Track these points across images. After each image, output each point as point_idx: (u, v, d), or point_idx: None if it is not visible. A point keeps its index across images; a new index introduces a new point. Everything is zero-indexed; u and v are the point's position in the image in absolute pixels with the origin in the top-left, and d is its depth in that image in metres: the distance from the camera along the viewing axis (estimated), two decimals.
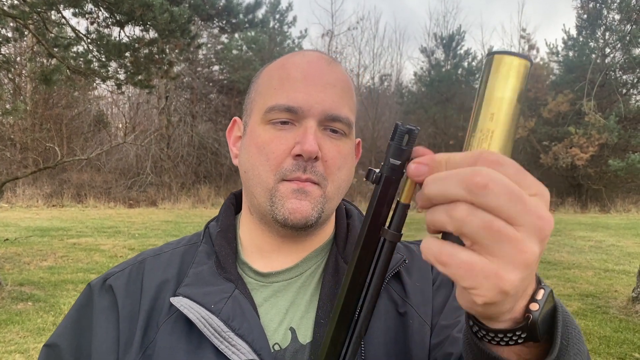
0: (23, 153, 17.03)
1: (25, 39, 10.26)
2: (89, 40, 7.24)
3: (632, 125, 17.69)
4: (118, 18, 6.84)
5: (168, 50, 7.68)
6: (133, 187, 18.51)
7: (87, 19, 7.06)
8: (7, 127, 16.77)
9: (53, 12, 6.90)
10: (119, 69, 7.76)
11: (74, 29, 7.21)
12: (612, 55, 16.86)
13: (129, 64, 7.40)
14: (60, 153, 9.03)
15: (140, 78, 7.63)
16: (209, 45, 21.06)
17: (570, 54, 21.04)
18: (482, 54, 26.63)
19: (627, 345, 4.51)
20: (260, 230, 0.76)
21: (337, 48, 25.88)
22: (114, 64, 7.65)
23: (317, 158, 0.68)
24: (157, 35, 7.14)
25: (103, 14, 6.96)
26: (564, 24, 38.78)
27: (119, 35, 7.33)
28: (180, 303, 0.67)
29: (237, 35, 19.76)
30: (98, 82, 11.53)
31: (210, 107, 21.70)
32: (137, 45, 7.20)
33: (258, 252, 0.77)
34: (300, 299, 0.73)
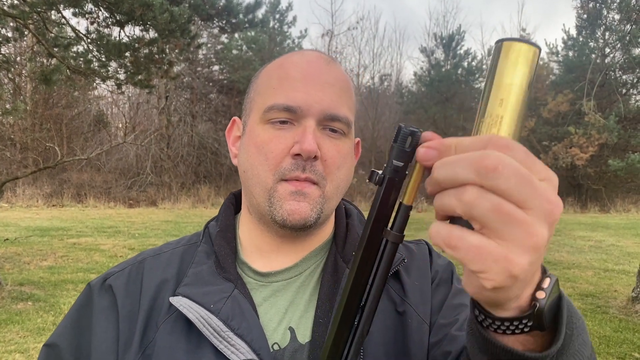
0: (23, 153, 17.03)
1: (25, 39, 10.27)
2: (89, 40, 7.24)
3: (632, 125, 17.69)
4: (118, 18, 6.84)
5: (168, 50, 7.67)
6: (133, 187, 18.52)
7: (87, 19, 7.05)
8: (7, 127, 16.78)
9: (53, 12, 6.89)
10: (119, 69, 7.75)
11: (74, 29, 7.21)
12: (612, 55, 16.88)
13: (129, 64, 7.40)
14: (60, 153, 9.03)
15: (140, 78, 7.62)
16: (209, 45, 21.08)
17: (570, 54, 21.04)
18: (482, 54, 26.66)
19: (627, 345, 4.51)
20: (260, 230, 0.76)
21: (337, 48, 25.89)
22: (114, 64, 7.64)
23: (316, 157, 0.68)
24: (157, 35, 7.13)
25: (103, 14, 6.95)
26: (564, 24, 38.83)
27: (119, 35, 7.33)
28: (180, 303, 0.67)
29: (237, 35, 19.78)
30: (98, 82, 11.52)
31: (210, 107, 21.70)
32: (137, 45, 7.19)
33: (257, 251, 0.77)
34: (300, 299, 0.73)
